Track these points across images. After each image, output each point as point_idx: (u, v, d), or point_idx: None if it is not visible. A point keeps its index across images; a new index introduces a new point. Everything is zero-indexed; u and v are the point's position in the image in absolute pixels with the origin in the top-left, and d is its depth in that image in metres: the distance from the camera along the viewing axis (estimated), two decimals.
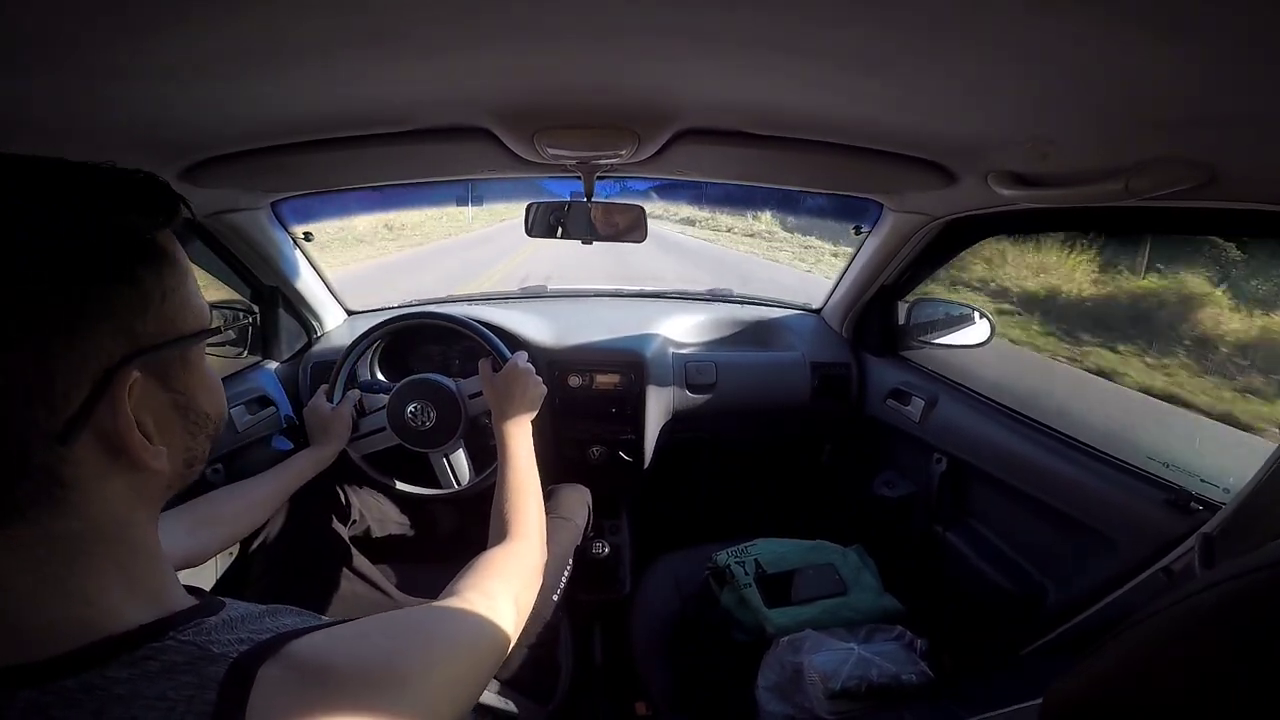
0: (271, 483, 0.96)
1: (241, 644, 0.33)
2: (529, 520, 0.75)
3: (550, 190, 1.09)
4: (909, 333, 1.47)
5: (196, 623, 0.34)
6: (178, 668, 0.30)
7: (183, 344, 0.35)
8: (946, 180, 0.89)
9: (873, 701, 0.86)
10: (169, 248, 0.35)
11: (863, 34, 0.46)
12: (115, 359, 0.31)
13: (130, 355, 0.32)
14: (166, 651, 0.31)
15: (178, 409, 0.36)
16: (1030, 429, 1.11)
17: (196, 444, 0.38)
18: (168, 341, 0.34)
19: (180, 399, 0.36)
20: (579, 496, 1.30)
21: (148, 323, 0.33)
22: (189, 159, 0.84)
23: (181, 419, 0.37)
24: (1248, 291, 2.20)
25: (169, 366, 0.35)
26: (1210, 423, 1.83)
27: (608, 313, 1.68)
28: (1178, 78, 0.45)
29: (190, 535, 0.78)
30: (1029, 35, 0.43)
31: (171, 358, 0.35)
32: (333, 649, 0.35)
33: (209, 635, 0.33)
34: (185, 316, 0.35)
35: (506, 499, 0.78)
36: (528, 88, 0.66)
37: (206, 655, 0.31)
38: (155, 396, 0.34)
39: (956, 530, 1.26)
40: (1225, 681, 0.28)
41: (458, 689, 0.40)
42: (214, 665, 0.31)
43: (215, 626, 0.34)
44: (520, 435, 0.90)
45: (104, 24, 0.42)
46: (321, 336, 1.51)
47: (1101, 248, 3.06)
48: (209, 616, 0.35)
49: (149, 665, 0.30)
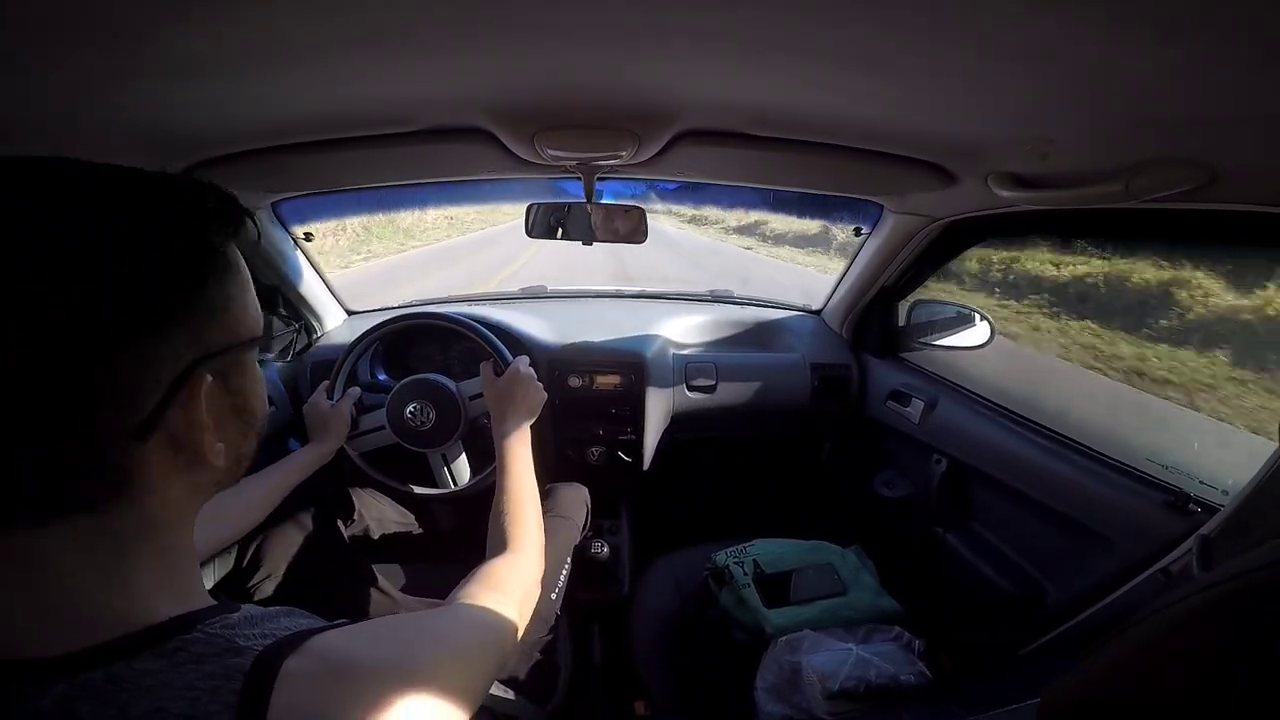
0: (270, 480, 0.96)
1: (265, 638, 0.34)
2: (527, 532, 0.75)
3: (568, 191, 1.09)
4: (909, 334, 1.47)
5: (221, 618, 0.35)
6: (205, 659, 0.31)
7: (244, 349, 0.38)
8: (947, 181, 0.89)
9: (871, 702, 0.86)
10: (234, 259, 0.37)
11: (863, 34, 0.46)
12: (187, 363, 0.33)
13: (201, 359, 0.34)
14: (195, 644, 0.32)
15: (235, 410, 0.38)
16: (1029, 430, 1.11)
17: (247, 442, 0.40)
18: (232, 346, 0.36)
19: (238, 400, 0.38)
20: (577, 495, 1.30)
21: (216, 328, 0.35)
22: (189, 159, 0.84)
23: (237, 419, 0.38)
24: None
25: (230, 370, 0.37)
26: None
27: (608, 313, 1.68)
28: (1178, 78, 0.45)
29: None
30: (1029, 35, 0.43)
31: (234, 362, 0.37)
32: (351, 646, 0.36)
33: (234, 629, 0.34)
34: (245, 323, 0.38)
35: (505, 509, 0.78)
36: (528, 88, 0.66)
37: (233, 648, 0.32)
38: (219, 398, 0.36)
39: (956, 531, 1.26)
40: (1223, 681, 0.28)
41: (462, 692, 0.41)
42: (239, 657, 0.32)
43: (238, 622, 0.35)
44: (519, 442, 0.90)
45: (104, 24, 0.42)
46: (321, 336, 1.51)
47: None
48: (231, 613, 0.36)
49: (178, 656, 0.31)
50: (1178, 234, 0.91)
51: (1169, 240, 1.69)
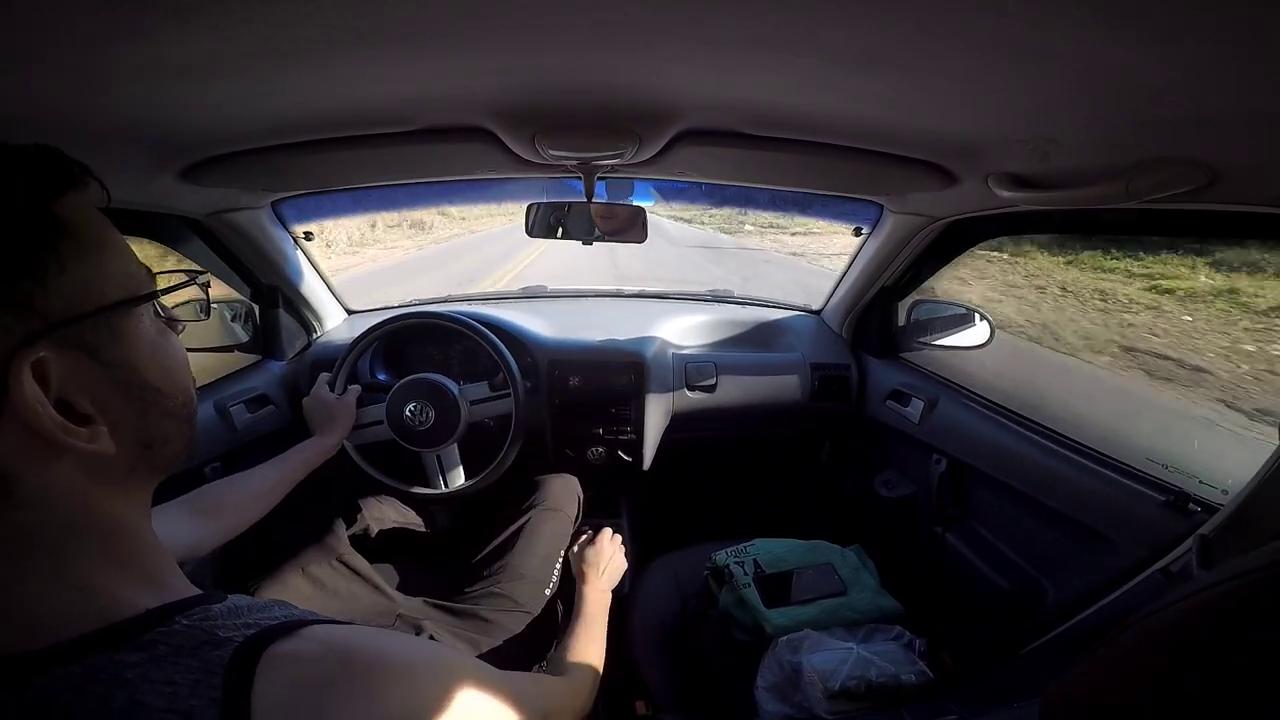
0: (273, 472, 0.95)
1: (248, 629, 0.33)
2: (586, 672, 0.79)
3: (575, 188, 1.09)
4: (909, 334, 1.47)
5: (202, 609, 0.34)
6: (184, 651, 0.31)
7: (103, 315, 0.33)
8: (947, 182, 0.89)
9: (872, 701, 0.86)
10: (68, 217, 0.33)
11: (863, 34, 0.46)
12: (16, 340, 0.29)
13: (33, 335, 0.30)
14: (173, 636, 0.31)
15: (116, 384, 0.34)
16: (1029, 430, 1.11)
17: (151, 422, 0.36)
18: (81, 315, 0.32)
19: (118, 373, 0.34)
20: (567, 486, 1.29)
21: (49, 297, 0.31)
22: (189, 158, 0.84)
23: (123, 394, 0.34)
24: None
25: (95, 339, 0.33)
26: None
27: (608, 313, 1.68)
28: (1178, 78, 0.45)
29: (191, 525, 0.77)
30: (1029, 35, 0.43)
31: (96, 330, 0.33)
32: (336, 640, 0.35)
33: (215, 621, 0.33)
34: (101, 287, 0.33)
35: (574, 649, 0.83)
36: (528, 88, 0.66)
37: (212, 639, 0.32)
38: (86, 372, 0.32)
39: (956, 530, 1.26)
40: (1223, 681, 0.28)
41: (466, 711, 0.38)
42: (219, 649, 0.31)
43: (220, 613, 0.34)
44: (603, 602, 0.96)
45: (104, 24, 0.42)
46: (321, 336, 1.51)
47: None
48: (213, 604, 0.35)
49: (157, 649, 0.30)
50: (1178, 234, 0.91)
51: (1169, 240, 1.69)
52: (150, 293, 0.37)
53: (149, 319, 0.37)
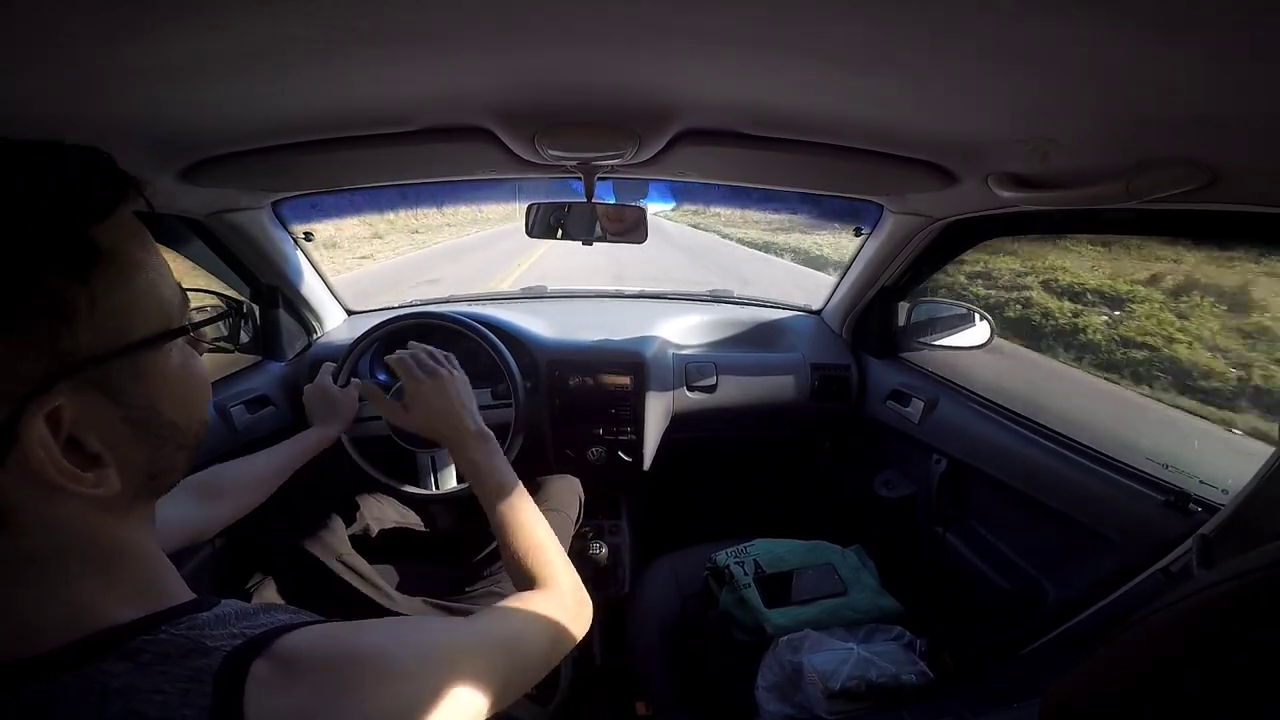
0: (277, 457, 0.95)
1: (235, 639, 0.33)
2: (553, 568, 0.63)
3: (576, 189, 1.09)
4: (909, 334, 1.47)
5: (190, 617, 0.34)
6: (170, 660, 0.30)
7: (130, 354, 0.31)
8: (947, 182, 0.89)
9: (872, 701, 0.86)
10: (109, 242, 0.30)
11: (863, 34, 0.46)
12: (34, 383, 0.27)
13: (53, 377, 0.28)
14: (158, 645, 0.31)
15: (132, 424, 0.32)
16: (1029, 430, 1.11)
17: (163, 456, 0.35)
18: (106, 355, 0.30)
19: (136, 413, 0.32)
20: (569, 486, 1.29)
21: (75, 336, 0.28)
22: (189, 159, 0.84)
23: (135, 433, 0.33)
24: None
25: (118, 379, 0.31)
26: None
27: (608, 313, 1.68)
28: (1178, 78, 0.45)
29: (199, 507, 0.77)
30: (1029, 35, 0.43)
31: (120, 369, 0.31)
32: (323, 643, 0.35)
33: (202, 629, 0.33)
34: (132, 321, 0.31)
35: (524, 547, 0.63)
36: (529, 88, 0.66)
37: (199, 648, 0.31)
38: (102, 413, 0.31)
39: (956, 530, 1.26)
40: (1223, 680, 0.28)
41: (453, 695, 0.38)
42: (206, 658, 0.31)
43: (208, 621, 0.34)
44: (497, 455, 0.72)
45: (104, 23, 0.42)
46: (321, 336, 1.51)
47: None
48: (202, 612, 0.35)
49: (142, 658, 0.30)
50: (1178, 234, 0.91)
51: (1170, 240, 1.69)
52: (181, 328, 0.35)
53: (177, 349, 0.35)
